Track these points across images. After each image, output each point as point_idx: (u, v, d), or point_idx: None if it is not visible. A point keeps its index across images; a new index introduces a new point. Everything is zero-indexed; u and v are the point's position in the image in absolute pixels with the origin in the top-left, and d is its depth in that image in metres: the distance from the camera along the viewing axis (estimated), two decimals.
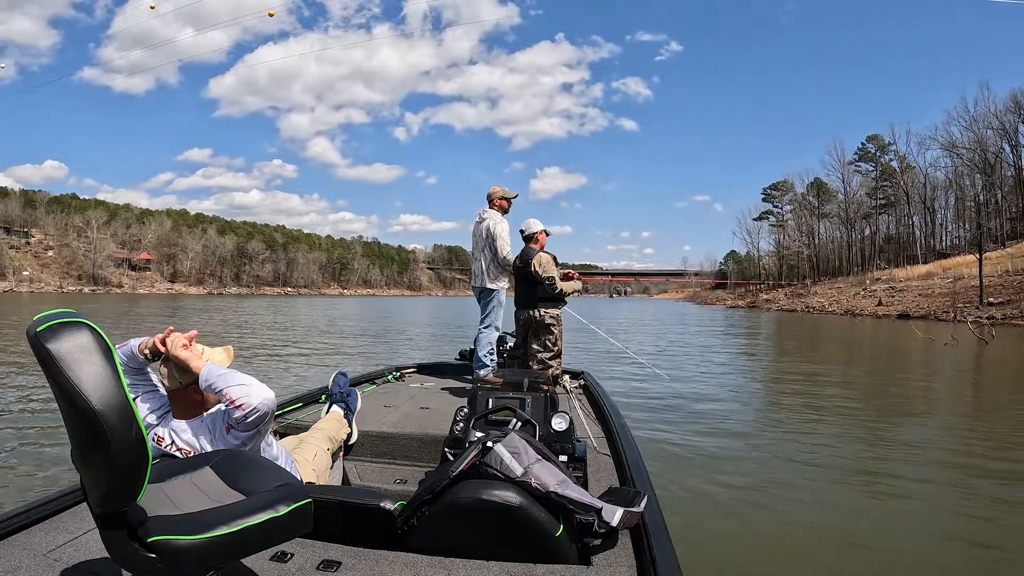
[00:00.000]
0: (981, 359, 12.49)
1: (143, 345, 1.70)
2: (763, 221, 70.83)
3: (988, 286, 30.07)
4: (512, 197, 4.32)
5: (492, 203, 4.28)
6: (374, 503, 1.54)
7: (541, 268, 3.94)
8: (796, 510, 3.43)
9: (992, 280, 30.90)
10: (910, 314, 30.23)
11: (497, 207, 4.27)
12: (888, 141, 57.90)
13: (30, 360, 7.81)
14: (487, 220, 4.19)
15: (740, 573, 2.72)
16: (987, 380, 10.06)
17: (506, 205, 4.30)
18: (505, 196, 4.29)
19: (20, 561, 1.35)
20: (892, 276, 45.52)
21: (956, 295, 31.51)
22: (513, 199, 4.33)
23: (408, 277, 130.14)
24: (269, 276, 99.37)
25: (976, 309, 27.44)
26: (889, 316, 31.57)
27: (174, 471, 1.24)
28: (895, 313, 31.96)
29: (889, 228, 58.10)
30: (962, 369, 11.07)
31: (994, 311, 26.24)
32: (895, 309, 33.30)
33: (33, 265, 72.61)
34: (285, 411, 2.99)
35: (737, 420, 5.95)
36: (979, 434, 5.47)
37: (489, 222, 4.17)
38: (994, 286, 30.40)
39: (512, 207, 4.37)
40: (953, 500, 3.62)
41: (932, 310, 30.42)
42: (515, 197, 4.34)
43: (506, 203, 4.30)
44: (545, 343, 4.00)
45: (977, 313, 25.93)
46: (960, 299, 30.53)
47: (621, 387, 7.40)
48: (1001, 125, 43.34)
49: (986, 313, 25.70)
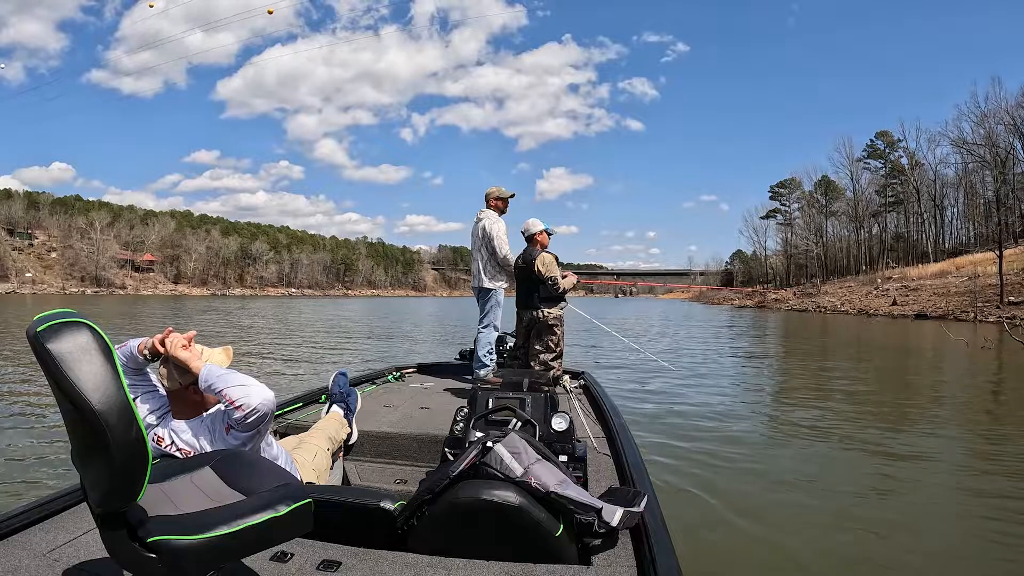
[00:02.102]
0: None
1: (142, 346, 1.70)
2: (770, 219, 70.14)
3: (1006, 284, 28.78)
4: (508, 197, 4.31)
5: (488, 203, 4.29)
6: (374, 503, 1.54)
7: (545, 268, 3.94)
8: (797, 510, 3.42)
9: (1009, 278, 29.55)
10: (928, 314, 29.34)
11: (493, 207, 4.28)
12: (897, 138, 57.21)
13: (29, 360, 7.83)
14: (483, 220, 4.21)
15: (740, 573, 2.72)
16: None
17: (502, 205, 4.31)
18: (500, 196, 4.29)
19: (20, 561, 1.35)
20: (904, 275, 44.55)
21: (975, 294, 30.38)
22: (510, 198, 4.33)
23: (413, 278, 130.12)
24: (273, 277, 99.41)
25: (997, 308, 26.44)
26: (906, 316, 30.49)
27: (174, 471, 1.24)
28: (911, 313, 30.92)
29: (898, 226, 57.53)
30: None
31: (1015, 310, 24.73)
32: (911, 309, 32.28)
33: (36, 267, 72.68)
34: (285, 411, 2.99)
35: (738, 421, 5.94)
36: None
37: (485, 222, 4.19)
38: (1011, 284, 29.18)
39: (517, 207, 4.38)
40: (969, 511, 3.42)
41: (950, 309, 29.32)
42: (511, 196, 4.34)
43: (502, 203, 4.30)
44: (548, 344, 4.00)
45: (998, 312, 24.89)
46: (979, 298, 29.50)
47: (621, 387, 7.40)
48: (1012, 121, 42.44)
49: (1007, 312, 24.27)
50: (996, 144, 43.55)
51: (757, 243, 72.03)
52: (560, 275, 3.99)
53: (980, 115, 44.58)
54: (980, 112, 44.57)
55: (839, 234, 61.94)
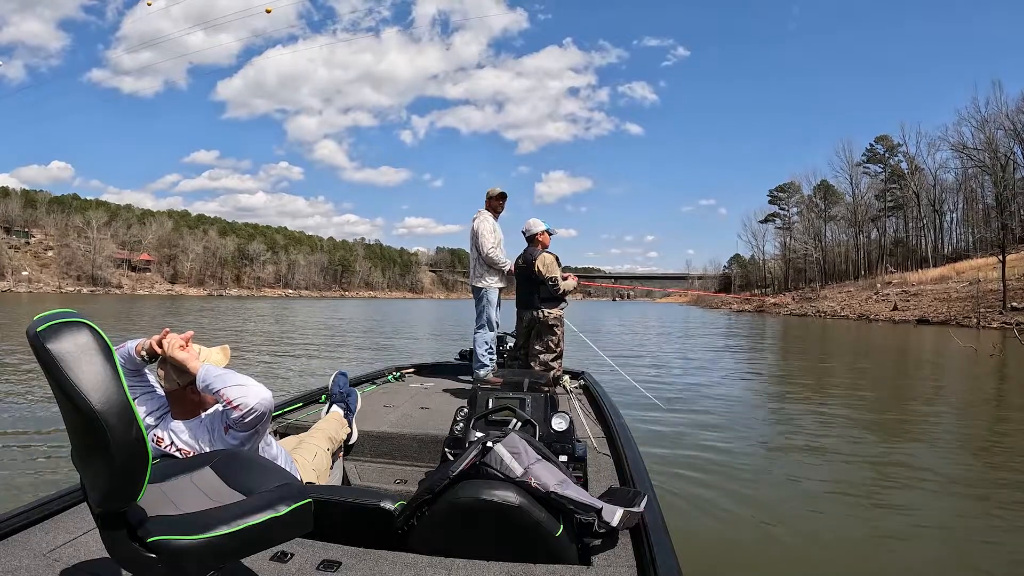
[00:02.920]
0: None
1: (140, 346, 1.70)
2: (769, 223, 70.01)
3: (1009, 290, 28.45)
4: (496, 195, 4.31)
5: (485, 203, 4.33)
6: (374, 503, 1.54)
7: (545, 268, 3.95)
8: (797, 511, 3.42)
9: (1011, 284, 29.24)
10: (929, 319, 29.13)
11: (487, 206, 4.31)
12: (897, 142, 57.03)
13: (29, 360, 7.82)
14: (475, 220, 4.26)
15: (740, 573, 2.72)
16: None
17: (496, 204, 4.31)
18: (490, 195, 4.32)
19: (20, 561, 1.35)
20: (904, 280, 44.23)
21: (977, 299, 29.98)
22: (498, 197, 4.31)
23: (410, 279, 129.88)
24: (270, 278, 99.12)
25: (999, 314, 26.13)
26: (907, 321, 30.25)
27: (174, 471, 1.24)
28: (913, 318, 30.64)
29: (897, 231, 57.41)
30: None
31: (1018, 316, 24.30)
32: (912, 314, 31.97)
33: (33, 265, 72.44)
34: (285, 411, 2.99)
35: (740, 421, 5.94)
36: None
37: (475, 222, 4.25)
38: (1013, 290, 28.91)
39: (517, 210, 4.39)
40: (968, 520, 3.33)
41: (952, 315, 28.95)
42: (501, 195, 4.32)
43: (496, 202, 4.31)
44: (548, 344, 4.00)
45: (1001, 318, 24.63)
46: (981, 304, 29.06)
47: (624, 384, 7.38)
48: (1012, 125, 42.11)
49: (1011, 318, 23.94)
50: (996, 149, 43.39)
51: (756, 247, 72.03)
52: (561, 276, 4.00)
53: (980, 120, 44.43)
54: (980, 117, 44.42)
55: (838, 239, 61.90)
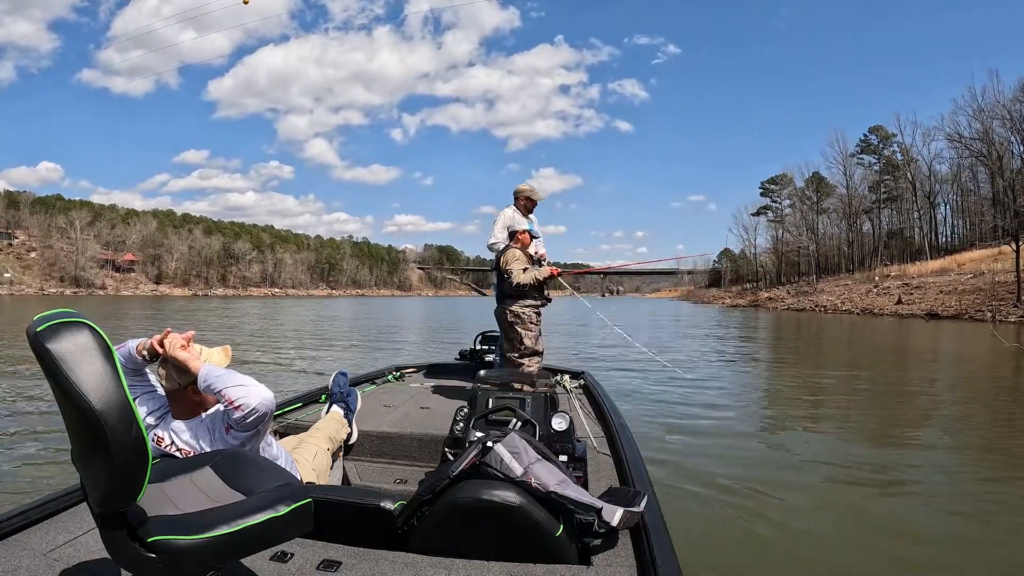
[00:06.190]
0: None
1: (141, 346, 1.70)
2: (761, 216, 69.11)
3: (1023, 282, 26.81)
4: (520, 191, 4.28)
5: (515, 201, 4.30)
6: (374, 503, 1.54)
7: (504, 261, 3.78)
8: (797, 511, 3.42)
9: (1015, 276, 27.94)
10: (939, 313, 28.04)
11: (518, 206, 4.25)
12: (892, 132, 56.10)
13: (25, 359, 7.80)
14: (502, 256, 4.10)
15: (740, 573, 2.72)
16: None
17: (526, 203, 4.25)
18: (518, 194, 4.28)
19: (20, 561, 1.35)
20: (903, 272, 43.74)
21: (990, 291, 28.75)
22: (522, 195, 4.27)
23: (398, 277, 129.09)
24: (256, 277, 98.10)
25: (1014, 307, 25.17)
26: (915, 315, 29.00)
27: (174, 471, 1.24)
28: (920, 312, 29.38)
29: (891, 223, 56.67)
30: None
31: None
32: (918, 308, 30.79)
33: (15, 267, 70.90)
34: (285, 411, 3.00)
35: (741, 422, 5.94)
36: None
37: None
38: (1021, 282, 27.46)
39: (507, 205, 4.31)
40: (972, 518, 3.29)
41: (963, 308, 27.67)
42: (524, 191, 4.28)
43: (526, 201, 4.25)
44: (512, 342, 3.81)
45: (1017, 311, 23.79)
46: (993, 296, 27.92)
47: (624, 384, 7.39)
48: (1008, 115, 41.10)
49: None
50: (992, 140, 43.03)
51: (747, 240, 70.92)
52: (520, 269, 3.72)
53: (976, 109, 43.59)
54: (977, 106, 43.60)
55: (830, 231, 61.00)
